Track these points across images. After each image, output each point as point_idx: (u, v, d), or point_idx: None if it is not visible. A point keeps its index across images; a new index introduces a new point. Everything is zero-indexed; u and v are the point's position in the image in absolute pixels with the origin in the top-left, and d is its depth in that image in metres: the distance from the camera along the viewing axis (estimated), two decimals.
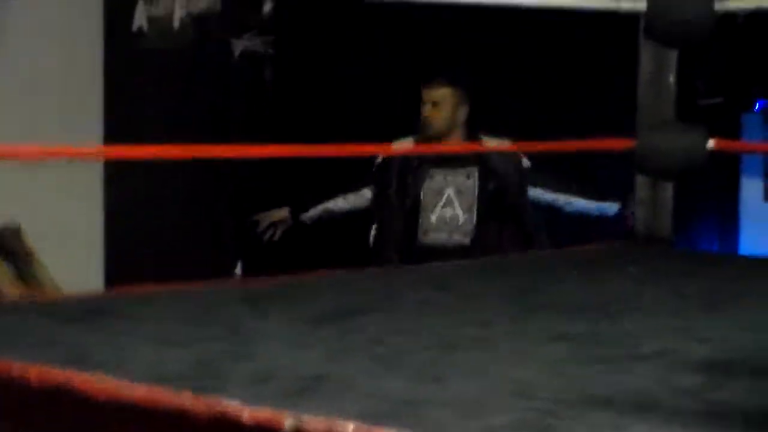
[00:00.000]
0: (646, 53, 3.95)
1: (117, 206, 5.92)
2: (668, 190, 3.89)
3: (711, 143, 3.68)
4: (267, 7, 5.39)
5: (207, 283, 3.31)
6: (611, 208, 5.18)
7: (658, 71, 3.93)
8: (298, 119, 5.54)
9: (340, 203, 5.21)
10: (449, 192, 5.02)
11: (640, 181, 3.89)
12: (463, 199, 5.02)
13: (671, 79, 3.92)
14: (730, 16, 3.72)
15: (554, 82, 5.66)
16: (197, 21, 5.71)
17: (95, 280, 5.71)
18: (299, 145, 4.22)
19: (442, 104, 5.03)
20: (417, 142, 5.06)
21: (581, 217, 5.23)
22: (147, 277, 4.62)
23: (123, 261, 5.84)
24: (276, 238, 5.20)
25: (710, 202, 5.97)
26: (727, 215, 6.02)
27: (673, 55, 3.93)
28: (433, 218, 5.00)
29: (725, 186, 5.97)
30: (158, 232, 5.75)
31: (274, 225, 5.19)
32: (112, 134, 5.80)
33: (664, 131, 3.76)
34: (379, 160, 5.09)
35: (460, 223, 5.00)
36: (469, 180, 5.03)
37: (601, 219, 5.22)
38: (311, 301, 2.80)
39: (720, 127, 5.25)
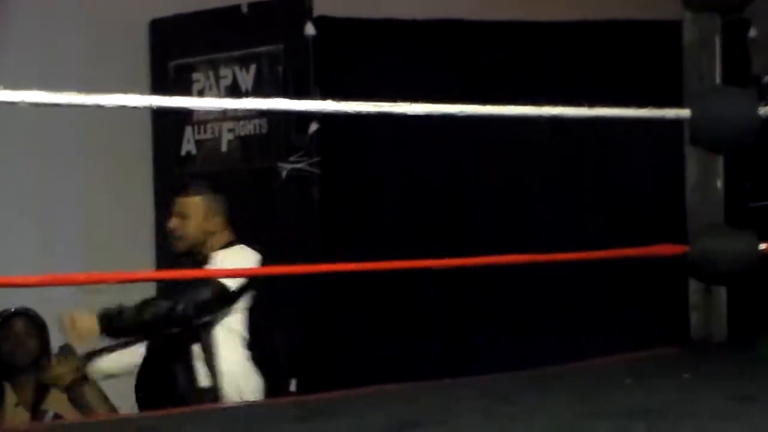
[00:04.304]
0: (693, 159, 3.96)
1: None
2: (722, 294, 3.87)
3: (762, 246, 3.66)
4: (312, 128, 5.45)
5: (261, 401, 3.31)
6: None
7: (705, 177, 3.93)
8: (347, 238, 5.56)
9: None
10: None
11: (693, 286, 3.87)
12: None
13: (719, 184, 3.92)
14: None
15: None
16: (244, 144, 5.77)
17: None
18: (348, 263, 4.24)
19: (191, 215, 4.52)
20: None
21: None
22: None
23: None
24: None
25: (765, 304, 5.91)
26: None
27: (719, 161, 3.94)
28: None
29: None
30: None
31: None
32: (163, 256, 5.84)
33: (714, 236, 3.74)
34: None
35: None
36: None
37: None
38: (367, 416, 2.79)
39: None
